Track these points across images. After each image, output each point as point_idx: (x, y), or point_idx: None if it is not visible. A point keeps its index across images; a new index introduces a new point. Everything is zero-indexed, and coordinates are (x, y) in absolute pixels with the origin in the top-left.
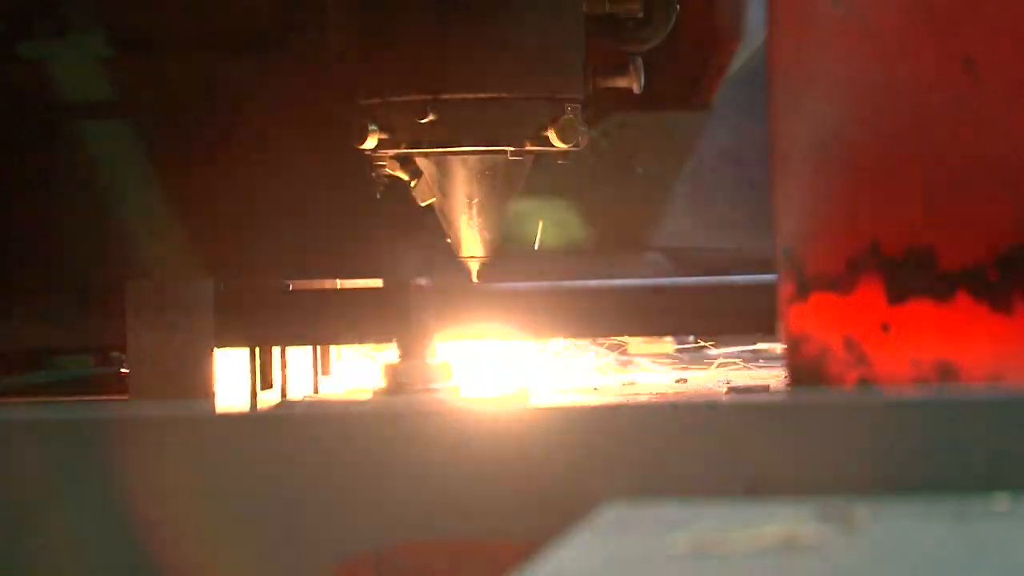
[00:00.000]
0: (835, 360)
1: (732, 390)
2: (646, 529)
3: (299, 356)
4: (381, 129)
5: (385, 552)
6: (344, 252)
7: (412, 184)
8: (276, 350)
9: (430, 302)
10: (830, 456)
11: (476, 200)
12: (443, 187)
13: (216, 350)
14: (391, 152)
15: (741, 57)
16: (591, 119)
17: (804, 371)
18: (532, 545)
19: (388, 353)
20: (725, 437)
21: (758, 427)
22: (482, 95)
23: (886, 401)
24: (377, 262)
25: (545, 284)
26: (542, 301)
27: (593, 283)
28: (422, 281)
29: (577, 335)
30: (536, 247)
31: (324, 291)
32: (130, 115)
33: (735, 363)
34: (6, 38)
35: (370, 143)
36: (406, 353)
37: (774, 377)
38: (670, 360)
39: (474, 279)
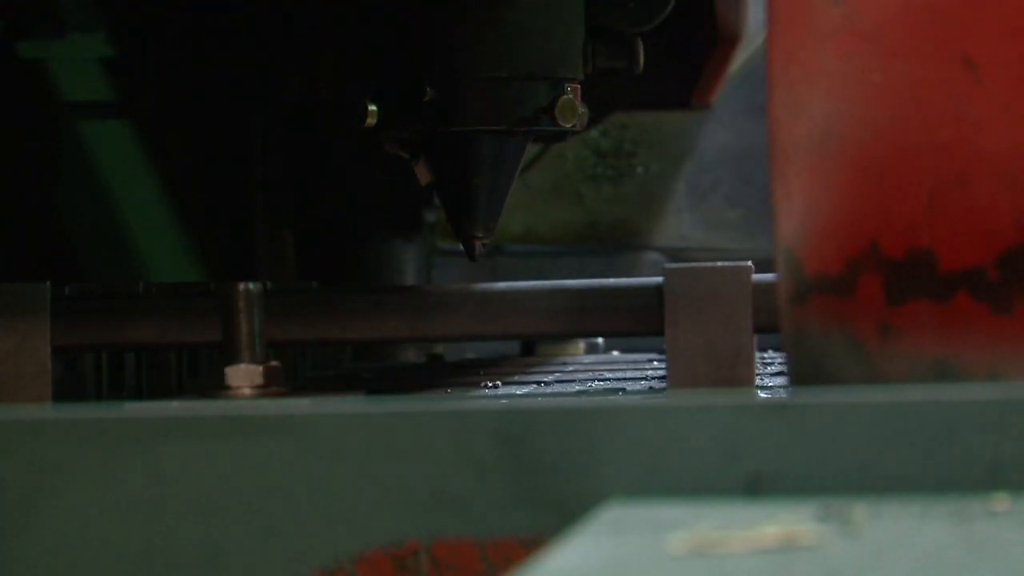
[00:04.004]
0: (835, 360)
1: None
2: (646, 529)
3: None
4: (380, 108)
5: (394, 550)
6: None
7: (412, 163)
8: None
9: (255, 304)
10: (830, 456)
11: (475, 180)
12: (442, 167)
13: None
14: (391, 131)
15: (741, 57)
16: (592, 119)
17: (804, 371)
18: (532, 545)
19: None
20: (725, 437)
21: (758, 427)
22: (482, 74)
23: (886, 401)
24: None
25: (533, 284)
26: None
27: (586, 282)
28: (250, 285)
29: (570, 335)
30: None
31: (138, 293)
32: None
33: None
34: (6, 38)
35: (370, 122)
36: (232, 356)
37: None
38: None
39: (475, 259)
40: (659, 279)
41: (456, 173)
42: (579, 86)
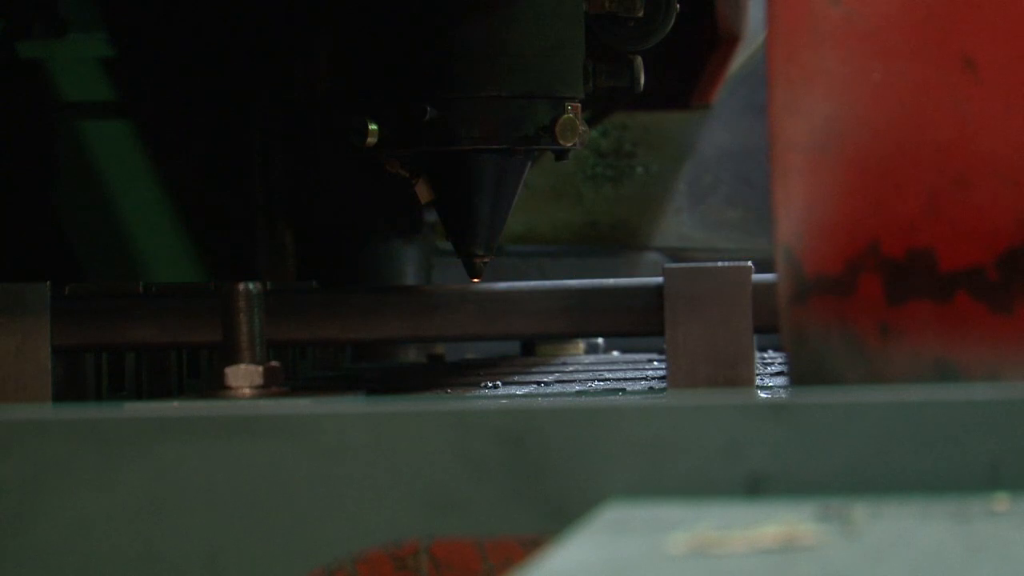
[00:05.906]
0: (835, 360)
1: None
2: (646, 529)
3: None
4: (381, 127)
5: (394, 550)
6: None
7: (413, 182)
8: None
9: (255, 304)
10: (830, 456)
11: (476, 199)
12: (443, 186)
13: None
14: (391, 150)
15: (741, 57)
16: (592, 119)
17: (804, 371)
18: (532, 545)
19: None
20: (725, 437)
21: (758, 427)
22: (482, 94)
23: (886, 401)
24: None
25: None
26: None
27: (583, 282)
28: (250, 285)
29: (570, 335)
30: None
31: (139, 292)
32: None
33: None
34: (6, 38)
35: (370, 141)
36: (233, 356)
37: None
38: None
39: (475, 278)
40: (659, 279)
41: (457, 192)
42: (580, 105)
